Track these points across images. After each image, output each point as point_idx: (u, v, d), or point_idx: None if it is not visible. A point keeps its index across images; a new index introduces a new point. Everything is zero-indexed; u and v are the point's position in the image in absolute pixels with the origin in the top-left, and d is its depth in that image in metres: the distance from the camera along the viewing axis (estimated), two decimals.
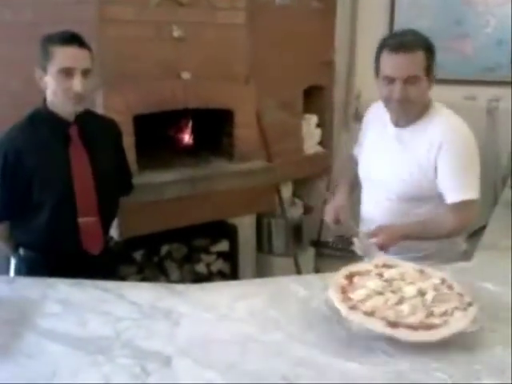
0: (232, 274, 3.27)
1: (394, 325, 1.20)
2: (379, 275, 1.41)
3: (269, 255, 3.60)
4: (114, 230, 2.52)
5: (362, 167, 2.02)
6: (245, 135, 2.90)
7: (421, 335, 1.18)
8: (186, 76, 2.66)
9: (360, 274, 1.42)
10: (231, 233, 3.27)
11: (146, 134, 2.65)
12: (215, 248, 3.25)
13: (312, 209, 3.76)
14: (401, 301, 1.30)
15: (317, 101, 3.65)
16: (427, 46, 1.73)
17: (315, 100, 3.63)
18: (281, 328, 1.29)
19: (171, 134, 3.04)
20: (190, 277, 3.15)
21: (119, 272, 2.91)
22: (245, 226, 3.36)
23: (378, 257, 1.60)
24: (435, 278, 1.39)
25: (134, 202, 2.50)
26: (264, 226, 3.59)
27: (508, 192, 2.42)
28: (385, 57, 1.72)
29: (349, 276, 1.41)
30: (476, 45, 3.33)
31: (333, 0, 3.59)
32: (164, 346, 1.22)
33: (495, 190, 3.10)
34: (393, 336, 1.18)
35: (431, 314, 1.25)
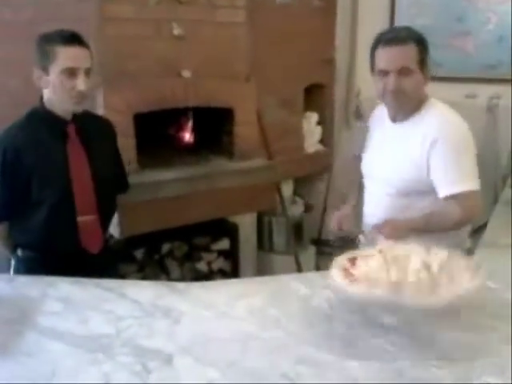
0: (233, 273, 3.27)
1: (397, 287, 1.17)
2: (383, 257, 1.39)
3: (269, 253, 3.60)
4: (115, 229, 2.52)
5: (365, 165, 2.04)
6: (245, 133, 2.90)
7: (427, 299, 1.14)
8: (187, 74, 2.66)
9: (363, 257, 1.40)
10: (232, 231, 3.27)
11: (147, 133, 2.65)
12: (216, 246, 3.26)
13: (313, 207, 3.76)
14: (405, 274, 1.27)
15: (317, 99, 3.65)
16: (420, 40, 1.75)
17: (316, 98, 3.63)
18: (281, 326, 1.29)
19: (171, 133, 3.04)
20: (191, 275, 3.16)
21: (120, 270, 2.91)
22: (245, 225, 3.36)
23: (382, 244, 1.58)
24: (442, 255, 1.36)
25: (135, 201, 2.50)
26: (265, 225, 3.59)
27: (508, 190, 2.42)
28: (379, 51, 1.76)
29: (352, 259, 1.40)
30: (477, 42, 3.31)
31: None
32: (165, 344, 1.22)
33: (495, 189, 3.10)
34: (396, 303, 1.15)
35: (437, 286, 1.22)
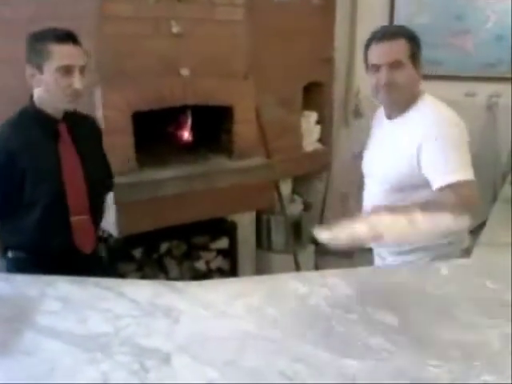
0: (231, 271, 3.27)
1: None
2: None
3: (268, 252, 3.60)
4: (113, 228, 2.52)
5: (364, 164, 2.06)
6: (244, 132, 2.90)
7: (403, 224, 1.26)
8: (185, 72, 2.65)
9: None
10: (231, 230, 3.27)
11: (145, 131, 2.64)
12: (215, 245, 3.25)
13: (311, 206, 3.75)
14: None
15: (316, 97, 3.64)
16: (411, 36, 1.79)
17: (315, 97, 3.62)
18: (279, 325, 1.29)
19: (170, 131, 3.04)
20: (190, 274, 3.16)
21: (118, 269, 2.92)
22: (244, 223, 3.37)
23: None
24: None
25: (133, 199, 2.50)
26: (263, 223, 3.59)
27: (508, 188, 2.42)
28: (371, 48, 1.81)
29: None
30: (476, 41, 3.31)
31: None
32: (163, 343, 1.22)
33: (495, 187, 3.10)
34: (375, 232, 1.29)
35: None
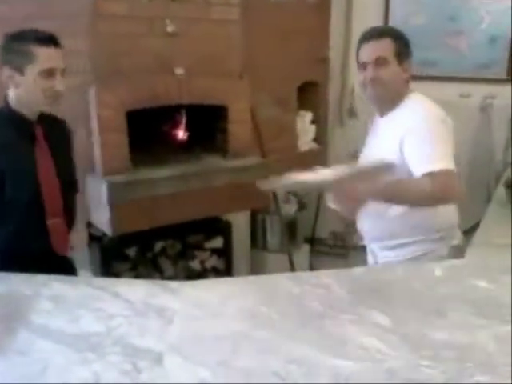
0: (226, 271, 3.27)
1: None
2: None
3: (263, 252, 3.60)
4: (107, 227, 2.51)
5: (360, 162, 2.07)
6: (239, 131, 2.89)
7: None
8: (180, 72, 2.65)
9: None
10: (225, 229, 3.27)
11: (140, 130, 2.64)
12: (209, 244, 3.25)
13: (306, 205, 3.75)
14: None
15: (311, 97, 3.64)
16: (397, 35, 1.86)
17: (310, 96, 3.62)
18: (273, 325, 1.28)
19: (165, 130, 3.03)
20: (184, 273, 3.15)
21: (113, 268, 2.91)
22: (239, 223, 3.36)
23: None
24: None
25: (128, 198, 2.49)
26: (258, 223, 3.59)
27: (501, 189, 2.42)
28: (360, 48, 1.89)
29: None
30: (470, 42, 3.32)
31: None
32: (156, 343, 1.21)
33: (489, 188, 3.11)
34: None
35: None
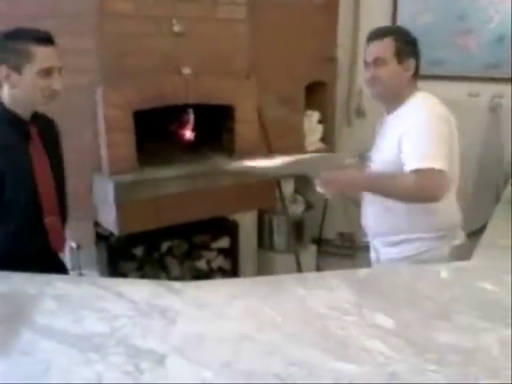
0: (233, 271, 3.26)
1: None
2: None
3: (270, 252, 3.59)
4: (114, 226, 2.52)
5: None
6: (245, 131, 2.89)
7: None
8: (187, 71, 2.64)
9: None
10: (232, 229, 3.26)
11: (146, 130, 2.64)
12: (216, 244, 3.25)
13: (313, 205, 3.74)
14: None
15: (319, 97, 3.62)
16: (398, 34, 1.90)
17: (317, 96, 3.60)
18: (276, 327, 1.28)
19: (171, 130, 3.03)
20: (191, 273, 3.15)
21: (119, 268, 2.92)
22: (246, 223, 3.36)
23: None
24: None
25: (134, 198, 2.49)
26: (265, 223, 3.58)
27: (510, 190, 2.40)
28: (365, 48, 1.96)
29: None
30: (479, 41, 3.28)
31: None
32: (158, 345, 1.21)
33: (497, 188, 3.08)
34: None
35: None
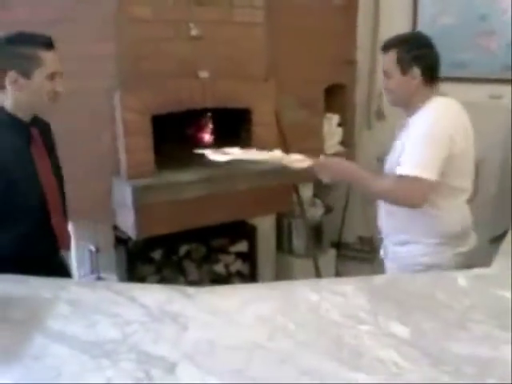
0: (251, 275, 3.25)
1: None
2: None
3: (288, 256, 3.57)
4: (132, 230, 2.53)
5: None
6: (263, 134, 2.87)
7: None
8: (204, 75, 2.64)
9: None
10: (250, 233, 3.25)
11: (164, 134, 2.65)
12: (234, 248, 3.24)
13: (332, 209, 3.71)
14: None
15: (338, 100, 3.59)
16: (400, 44, 1.92)
17: (337, 99, 3.57)
18: (289, 335, 1.26)
19: (189, 134, 3.03)
20: (209, 277, 3.15)
21: (138, 272, 2.93)
22: (264, 227, 3.35)
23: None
24: None
25: (153, 202, 2.50)
26: (284, 227, 3.56)
27: None
28: None
29: None
30: (501, 42, 3.21)
31: None
32: (170, 351, 1.21)
33: None
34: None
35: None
